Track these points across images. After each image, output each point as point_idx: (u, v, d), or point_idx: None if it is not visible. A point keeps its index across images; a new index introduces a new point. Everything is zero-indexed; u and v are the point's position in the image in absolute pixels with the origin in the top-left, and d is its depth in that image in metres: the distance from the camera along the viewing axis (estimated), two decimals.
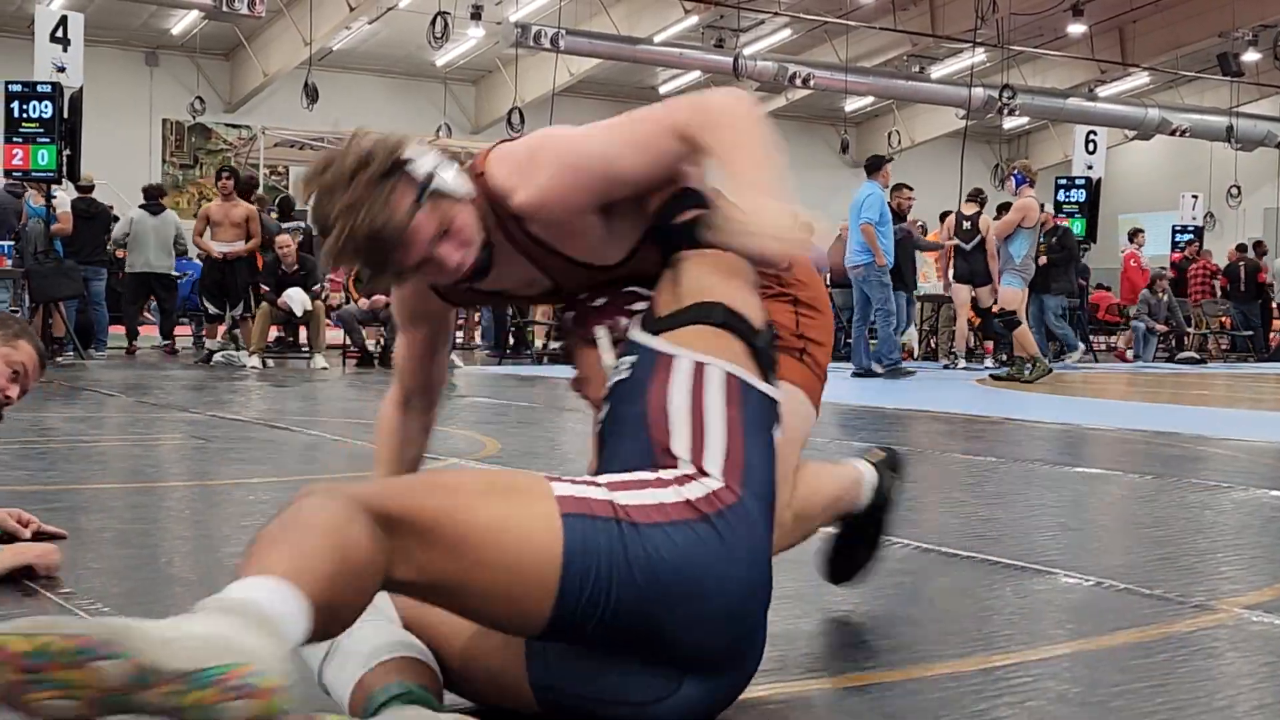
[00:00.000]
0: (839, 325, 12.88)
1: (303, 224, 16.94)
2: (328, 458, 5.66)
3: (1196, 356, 18.56)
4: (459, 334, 15.33)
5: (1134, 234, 20.07)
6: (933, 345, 16.73)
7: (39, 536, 3.19)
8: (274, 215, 14.93)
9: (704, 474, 1.85)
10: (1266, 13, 22.54)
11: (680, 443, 1.89)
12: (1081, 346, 15.56)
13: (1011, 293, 11.89)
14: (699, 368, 1.96)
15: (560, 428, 7.15)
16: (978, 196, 15.19)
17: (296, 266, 12.49)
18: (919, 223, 16.17)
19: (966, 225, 14.28)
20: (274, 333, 13.66)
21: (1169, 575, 3.18)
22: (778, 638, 2.46)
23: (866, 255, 12.08)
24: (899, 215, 13.38)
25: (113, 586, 2.91)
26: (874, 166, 12.52)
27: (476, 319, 17.20)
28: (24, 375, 3.10)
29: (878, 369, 12.27)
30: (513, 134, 22.30)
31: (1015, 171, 12.47)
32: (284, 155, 23.88)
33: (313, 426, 6.73)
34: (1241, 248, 20.21)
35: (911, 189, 13.99)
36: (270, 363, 12.45)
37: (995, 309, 12.51)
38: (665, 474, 1.85)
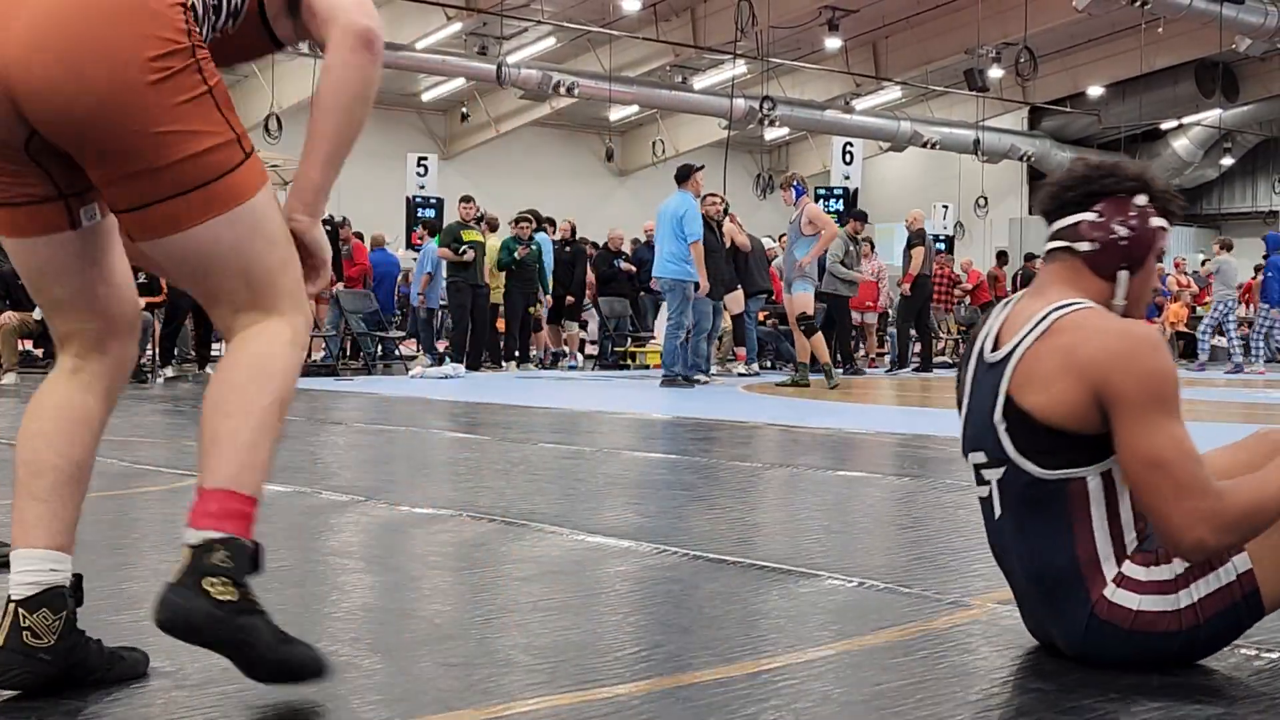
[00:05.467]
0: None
1: None
2: None
3: (951, 362, 19.26)
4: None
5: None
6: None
7: None
8: None
9: None
10: (1009, 30, 23.58)
11: None
12: (755, 362, 15.79)
13: (803, 297, 11.96)
14: None
15: (320, 441, 6.97)
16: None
17: None
18: None
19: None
20: None
21: (927, 574, 3.25)
22: (546, 650, 2.42)
23: (679, 266, 11.91)
24: (709, 223, 13.35)
25: None
26: (684, 176, 12.16)
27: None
28: None
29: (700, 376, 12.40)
30: (270, 140, 21.87)
31: (796, 183, 12.52)
32: None
33: None
34: (1029, 257, 21.71)
35: (719, 196, 13.71)
36: None
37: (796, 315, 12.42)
38: None
